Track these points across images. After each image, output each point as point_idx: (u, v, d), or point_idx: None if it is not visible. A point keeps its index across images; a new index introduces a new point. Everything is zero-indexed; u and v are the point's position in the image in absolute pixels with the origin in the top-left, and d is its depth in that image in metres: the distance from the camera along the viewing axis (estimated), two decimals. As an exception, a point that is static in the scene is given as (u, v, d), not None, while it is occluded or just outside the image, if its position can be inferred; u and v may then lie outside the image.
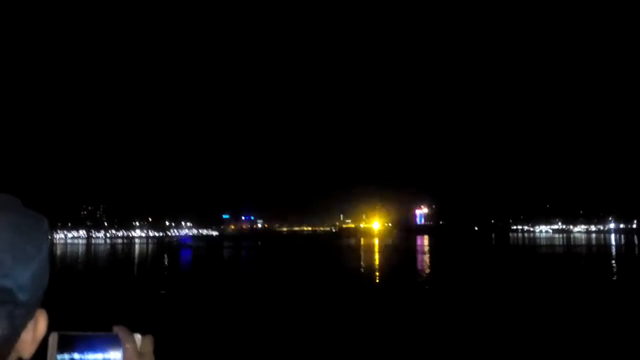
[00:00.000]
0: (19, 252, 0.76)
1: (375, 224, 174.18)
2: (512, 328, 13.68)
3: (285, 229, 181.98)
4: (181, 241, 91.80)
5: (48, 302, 0.86)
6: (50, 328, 0.86)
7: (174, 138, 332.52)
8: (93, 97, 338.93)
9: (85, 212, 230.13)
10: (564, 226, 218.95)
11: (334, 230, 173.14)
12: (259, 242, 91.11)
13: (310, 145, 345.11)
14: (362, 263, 44.80)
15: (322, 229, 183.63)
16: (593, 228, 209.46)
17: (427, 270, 37.14)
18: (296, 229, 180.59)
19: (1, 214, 0.78)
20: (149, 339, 0.97)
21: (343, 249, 70.80)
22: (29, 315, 0.81)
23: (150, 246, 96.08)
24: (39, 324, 0.85)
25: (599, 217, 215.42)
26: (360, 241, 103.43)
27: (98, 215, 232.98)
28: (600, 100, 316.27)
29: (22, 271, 0.76)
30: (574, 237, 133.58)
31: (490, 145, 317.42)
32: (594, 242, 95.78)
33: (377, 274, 34.18)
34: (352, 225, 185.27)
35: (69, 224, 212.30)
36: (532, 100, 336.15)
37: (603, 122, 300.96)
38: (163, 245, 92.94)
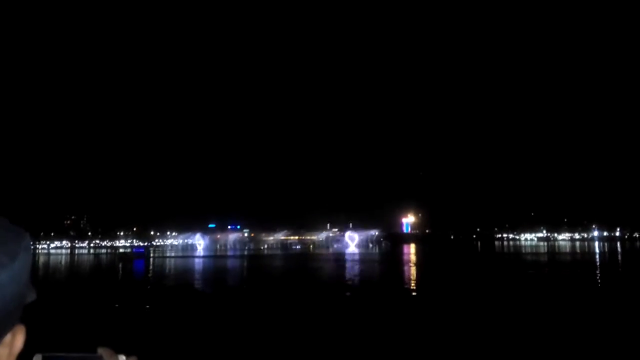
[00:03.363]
0: None
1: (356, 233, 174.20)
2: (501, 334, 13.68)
3: (271, 238, 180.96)
4: (135, 252, 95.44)
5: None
6: (31, 348, 0.86)
7: (160, 147, 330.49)
8: (78, 106, 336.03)
9: (68, 222, 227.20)
10: (549, 234, 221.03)
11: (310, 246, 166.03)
12: None
13: (297, 155, 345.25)
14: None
15: (309, 238, 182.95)
16: (577, 236, 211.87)
17: (415, 280, 37.11)
18: (282, 238, 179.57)
19: None
20: None
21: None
22: (1, 326, 0.80)
23: (105, 257, 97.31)
24: (17, 339, 0.85)
25: (582, 225, 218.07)
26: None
27: (82, 225, 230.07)
28: (584, 111, 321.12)
29: None
30: (559, 245, 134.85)
31: (475, 154, 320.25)
32: (578, 249, 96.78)
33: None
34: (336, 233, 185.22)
35: (52, 234, 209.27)
36: (517, 111, 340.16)
37: (587, 132, 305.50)
38: (118, 256, 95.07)
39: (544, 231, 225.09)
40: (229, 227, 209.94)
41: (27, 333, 0.84)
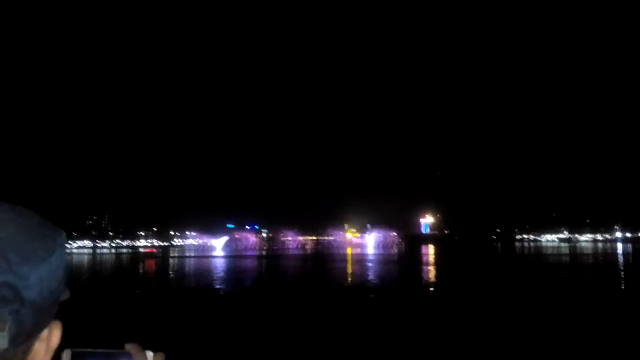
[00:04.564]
0: (28, 252, 0.79)
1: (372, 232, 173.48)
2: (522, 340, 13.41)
3: (290, 239, 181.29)
4: (147, 253, 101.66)
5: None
6: (62, 345, 0.87)
7: (180, 148, 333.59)
8: (99, 109, 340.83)
9: (90, 222, 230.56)
10: (571, 235, 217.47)
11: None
12: None
13: (315, 157, 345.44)
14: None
15: (328, 238, 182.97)
16: (600, 237, 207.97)
17: (433, 284, 36.74)
18: (301, 239, 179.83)
19: (16, 218, 0.82)
20: (161, 357, 0.99)
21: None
22: (40, 321, 0.81)
23: (119, 257, 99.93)
24: (53, 335, 0.86)
25: (605, 226, 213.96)
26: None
27: (103, 225, 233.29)
28: (607, 111, 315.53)
29: (30, 271, 0.78)
30: (582, 247, 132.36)
31: (496, 154, 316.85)
32: (601, 251, 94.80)
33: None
34: (357, 235, 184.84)
35: (74, 234, 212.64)
36: (539, 111, 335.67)
37: (610, 132, 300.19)
38: (132, 256, 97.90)
39: (566, 232, 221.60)
40: (248, 227, 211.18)
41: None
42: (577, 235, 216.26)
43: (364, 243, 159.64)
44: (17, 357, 0.77)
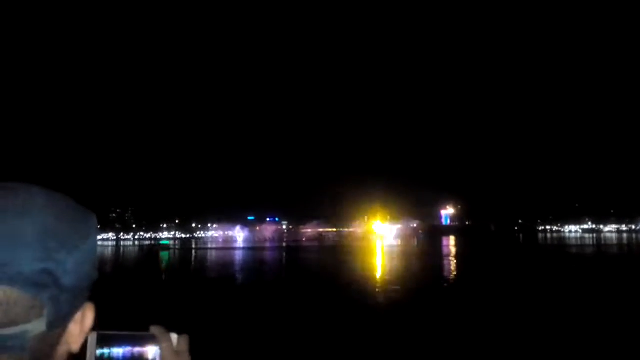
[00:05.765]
0: (65, 238, 0.80)
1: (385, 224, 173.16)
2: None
3: (309, 230, 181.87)
4: (160, 244, 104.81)
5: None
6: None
7: (203, 142, 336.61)
8: (122, 103, 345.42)
9: (114, 215, 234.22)
10: (594, 226, 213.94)
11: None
12: None
13: (336, 148, 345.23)
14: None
15: (347, 230, 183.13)
16: (624, 228, 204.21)
17: (453, 276, 36.71)
18: (320, 230, 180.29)
19: (50, 204, 0.82)
20: (185, 339, 1.01)
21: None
22: (75, 304, 0.83)
23: (135, 248, 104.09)
24: (87, 317, 0.87)
25: (630, 217, 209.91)
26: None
27: (127, 218, 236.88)
28: (631, 101, 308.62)
29: (66, 256, 0.79)
30: (605, 237, 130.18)
31: (518, 144, 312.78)
32: (626, 241, 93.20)
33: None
34: (378, 226, 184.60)
35: (99, 226, 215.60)
36: (563, 100, 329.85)
37: (635, 122, 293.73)
38: (145, 248, 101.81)
39: (590, 223, 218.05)
40: (268, 219, 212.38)
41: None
42: (601, 226, 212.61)
43: (385, 234, 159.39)
44: (53, 339, 0.80)
